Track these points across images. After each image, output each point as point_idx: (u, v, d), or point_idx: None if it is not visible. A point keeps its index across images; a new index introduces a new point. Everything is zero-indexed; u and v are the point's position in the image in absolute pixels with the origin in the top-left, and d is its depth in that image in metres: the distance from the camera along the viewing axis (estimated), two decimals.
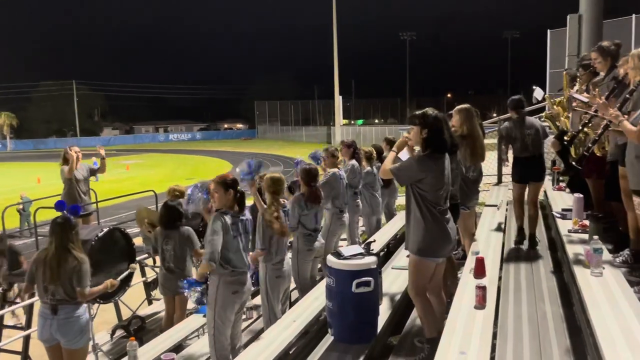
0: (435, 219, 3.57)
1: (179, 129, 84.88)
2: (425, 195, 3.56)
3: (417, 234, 3.61)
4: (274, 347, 3.91)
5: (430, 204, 3.56)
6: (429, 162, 3.55)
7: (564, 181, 7.06)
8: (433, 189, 3.55)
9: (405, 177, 3.64)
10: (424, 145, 3.60)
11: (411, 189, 3.62)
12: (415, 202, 3.60)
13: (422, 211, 3.57)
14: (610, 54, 4.72)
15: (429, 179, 3.53)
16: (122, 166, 32.90)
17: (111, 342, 5.76)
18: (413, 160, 3.62)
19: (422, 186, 3.55)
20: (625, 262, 4.10)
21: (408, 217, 3.71)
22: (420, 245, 3.60)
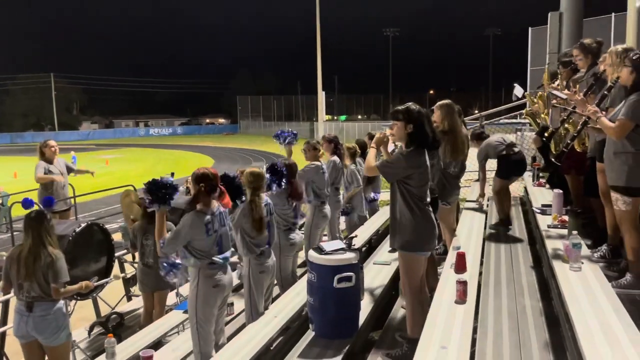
0: (423, 213, 3.60)
1: (160, 123, 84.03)
2: (412, 191, 3.56)
3: (406, 230, 3.60)
4: (254, 343, 3.88)
5: (418, 198, 3.58)
6: (416, 158, 3.55)
7: (544, 177, 7.14)
8: (420, 184, 3.57)
9: (392, 174, 3.61)
10: (408, 141, 3.58)
11: (397, 185, 3.61)
12: (402, 198, 3.59)
13: (410, 207, 3.57)
14: (592, 52, 4.77)
15: (417, 175, 3.54)
16: (101, 161, 32.43)
17: (89, 339, 5.66)
18: (401, 157, 3.61)
19: (410, 182, 3.55)
20: (603, 257, 4.16)
21: (394, 214, 3.68)
22: (410, 240, 3.60)
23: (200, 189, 3.92)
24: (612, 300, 3.06)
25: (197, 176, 3.96)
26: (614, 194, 3.58)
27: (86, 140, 61.49)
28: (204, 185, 3.92)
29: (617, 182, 3.55)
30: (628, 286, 3.55)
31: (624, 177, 3.48)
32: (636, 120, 3.37)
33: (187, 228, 3.84)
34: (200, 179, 3.94)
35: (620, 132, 3.43)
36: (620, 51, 3.75)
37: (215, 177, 4.00)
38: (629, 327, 2.70)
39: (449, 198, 5.08)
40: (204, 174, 3.96)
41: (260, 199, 4.67)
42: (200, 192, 3.92)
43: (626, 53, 3.62)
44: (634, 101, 3.39)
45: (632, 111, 3.37)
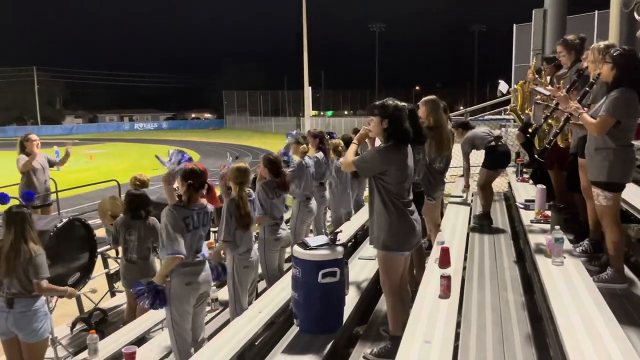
0: (399, 212, 3.49)
1: (145, 118, 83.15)
2: (388, 188, 3.47)
3: (382, 229, 3.53)
4: (239, 338, 3.87)
5: (394, 196, 3.48)
6: (392, 154, 3.46)
7: (527, 173, 7.21)
8: (396, 181, 3.47)
9: (367, 170, 3.56)
10: (385, 136, 3.51)
11: (374, 181, 3.53)
12: (378, 195, 3.51)
13: (386, 204, 3.48)
14: (575, 48, 4.81)
15: (393, 171, 3.44)
16: (85, 156, 31.94)
17: (71, 335, 5.60)
18: (375, 152, 3.53)
19: (385, 178, 3.46)
20: (585, 251, 4.21)
21: (371, 211, 3.62)
22: (386, 240, 3.52)
23: (188, 186, 3.87)
24: (594, 294, 3.09)
25: (185, 172, 3.91)
26: (595, 189, 3.62)
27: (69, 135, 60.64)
28: (192, 182, 3.88)
29: (598, 177, 3.59)
30: (609, 280, 3.60)
31: (605, 173, 3.52)
32: (617, 117, 3.41)
33: (171, 225, 3.78)
34: (188, 176, 3.89)
35: (601, 129, 3.46)
36: (602, 48, 3.78)
37: (204, 173, 3.96)
38: (610, 321, 2.73)
39: (434, 193, 5.10)
40: (192, 170, 3.91)
41: (246, 194, 4.65)
42: (189, 189, 3.87)
43: (607, 50, 3.65)
44: (614, 98, 3.42)
45: (612, 107, 3.40)
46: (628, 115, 3.46)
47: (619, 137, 3.47)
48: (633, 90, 3.44)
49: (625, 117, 3.44)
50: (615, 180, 3.54)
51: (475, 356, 3.33)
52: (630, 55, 3.51)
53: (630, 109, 3.47)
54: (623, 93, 3.41)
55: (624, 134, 3.49)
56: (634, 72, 3.48)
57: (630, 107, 3.46)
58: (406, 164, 3.51)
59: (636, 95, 3.45)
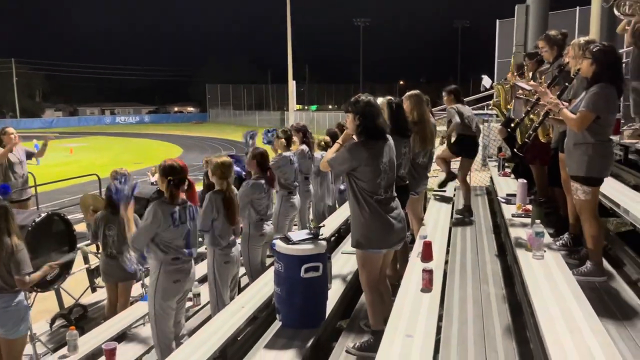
0: (373, 209, 3.44)
1: (127, 111, 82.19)
2: (361, 185, 3.43)
3: (356, 227, 3.52)
4: (221, 334, 3.84)
5: (368, 194, 3.43)
6: (362, 150, 3.41)
7: (509, 167, 7.27)
8: (367, 177, 3.42)
9: (339, 168, 3.52)
10: (357, 133, 3.48)
11: (348, 179, 3.50)
12: (352, 192, 3.48)
13: (359, 202, 3.45)
14: (557, 43, 4.84)
15: (363, 168, 3.40)
16: (65, 149, 31.47)
17: (50, 331, 5.52)
18: (345, 150, 3.48)
19: (357, 175, 3.43)
20: (565, 245, 4.26)
21: (350, 209, 3.61)
22: (361, 238, 3.51)
23: (168, 182, 3.82)
24: (573, 287, 3.12)
25: (164, 169, 3.85)
26: (574, 184, 3.65)
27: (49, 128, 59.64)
28: (172, 178, 3.83)
29: (577, 172, 3.62)
30: (588, 274, 3.64)
31: (584, 167, 3.56)
32: (596, 112, 3.44)
33: (152, 218, 3.75)
34: (168, 172, 3.84)
35: (580, 124, 3.49)
36: (583, 43, 3.82)
37: (183, 169, 3.91)
38: (588, 314, 2.76)
39: (417, 188, 5.11)
40: (171, 166, 3.86)
41: (233, 189, 4.61)
42: (169, 185, 3.82)
43: (587, 45, 3.68)
44: (594, 93, 3.45)
45: (592, 103, 3.43)
46: (607, 110, 3.49)
47: (598, 132, 3.51)
48: (612, 85, 3.47)
49: (605, 113, 3.47)
50: (594, 175, 3.58)
51: (456, 349, 3.35)
52: (609, 51, 3.54)
53: (609, 104, 3.50)
54: (602, 89, 3.44)
55: (602, 129, 3.53)
56: (613, 68, 3.52)
57: (609, 103, 3.50)
58: (378, 160, 3.44)
59: (615, 90, 3.49)
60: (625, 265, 4.14)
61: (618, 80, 3.53)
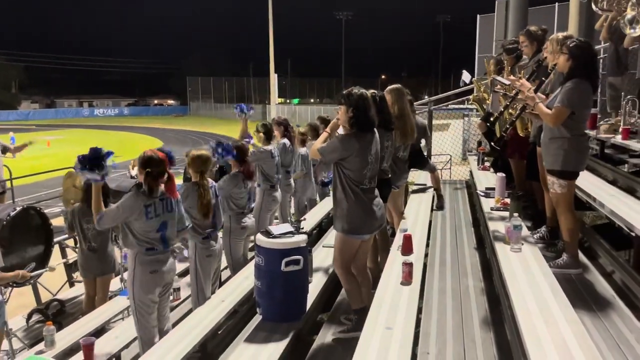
0: (357, 197, 3.62)
1: (105, 103, 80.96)
2: (349, 175, 3.60)
3: (340, 213, 3.67)
4: (202, 327, 3.83)
5: (354, 182, 3.60)
6: (353, 141, 3.57)
7: (488, 161, 7.33)
8: (356, 167, 3.58)
9: (329, 157, 3.64)
10: (349, 125, 3.60)
11: (336, 168, 3.64)
12: (339, 180, 3.64)
13: (345, 190, 3.62)
14: (537, 39, 4.89)
15: (352, 158, 3.56)
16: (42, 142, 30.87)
17: (27, 327, 5.43)
18: (337, 140, 3.63)
19: (346, 165, 3.58)
20: (542, 238, 4.33)
21: (334, 197, 3.76)
22: (344, 223, 3.67)
23: (146, 174, 3.77)
24: (550, 279, 3.17)
25: (143, 160, 3.80)
26: (550, 178, 3.71)
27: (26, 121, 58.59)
28: (151, 170, 3.78)
29: (553, 166, 3.68)
30: (564, 266, 3.71)
31: (560, 161, 3.61)
32: (571, 108, 3.49)
33: (124, 207, 3.70)
34: (146, 163, 3.79)
35: (556, 119, 3.54)
36: (561, 39, 3.87)
37: (163, 161, 3.85)
38: (564, 305, 2.81)
39: (397, 181, 5.14)
40: (150, 157, 3.80)
41: (207, 182, 4.57)
42: (147, 177, 3.77)
43: (565, 41, 3.73)
44: (569, 88, 3.50)
45: (567, 98, 3.48)
46: (582, 106, 3.55)
47: (573, 127, 3.56)
48: (587, 81, 3.52)
49: (579, 108, 3.53)
50: (570, 169, 3.63)
51: (435, 341, 3.39)
52: (585, 47, 3.59)
53: (584, 100, 3.56)
54: (577, 84, 3.49)
55: (577, 124, 3.59)
56: (589, 64, 3.57)
57: (584, 98, 3.55)
58: (367, 152, 3.61)
59: (590, 86, 3.55)
60: (600, 258, 4.22)
61: (593, 76, 3.59)
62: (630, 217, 3.57)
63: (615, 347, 2.83)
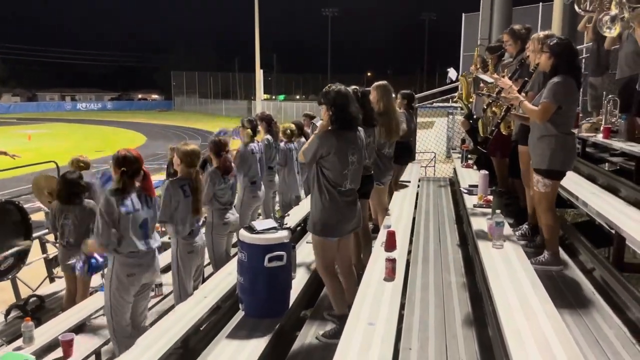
0: (333, 199, 3.51)
1: (88, 97, 79.71)
2: (327, 175, 3.49)
3: (314, 213, 3.60)
4: (183, 323, 3.79)
5: (331, 184, 3.50)
6: (331, 138, 3.48)
7: (472, 159, 7.39)
8: (335, 167, 3.48)
9: (309, 155, 3.53)
10: (331, 122, 3.54)
11: (316, 167, 3.55)
12: (317, 180, 3.54)
13: (320, 190, 3.52)
14: (521, 37, 4.93)
15: (331, 157, 3.46)
16: (23, 136, 30.42)
17: (5, 323, 5.34)
18: (315, 137, 3.54)
19: (325, 164, 3.48)
20: (524, 235, 4.37)
21: (311, 196, 3.67)
22: (317, 224, 3.58)
23: (122, 173, 3.72)
24: (531, 276, 3.20)
25: (117, 159, 3.76)
26: (536, 176, 3.73)
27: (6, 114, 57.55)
28: (126, 169, 3.73)
29: (539, 164, 3.69)
30: (545, 263, 3.75)
31: (547, 160, 3.63)
32: (558, 103, 3.51)
33: (106, 208, 3.64)
34: (121, 162, 3.74)
35: (542, 115, 3.56)
36: (542, 37, 3.90)
37: (138, 160, 3.80)
38: (545, 301, 2.84)
39: (382, 178, 5.15)
40: (125, 156, 3.75)
41: (200, 177, 4.55)
42: (122, 176, 3.73)
43: (546, 39, 3.76)
44: (554, 83, 3.52)
45: (553, 94, 3.50)
46: (568, 101, 3.58)
47: (560, 123, 3.58)
48: (570, 76, 3.55)
49: (566, 103, 3.55)
50: (557, 168, 3.66)
51: (417, 336, 3.41)
52: (566, 44, 3.62)
53: (569, 94, 3.59)
54: (562, 79, 3.52)
55: (565, 120, 3.60)
56: (571, 60, 3.60)
57: (569, 93, 3.58)
58: (347, 151, 3.51)
59: (574, 82, 3.57)
60: (580, 255, 4.27)
61: (576, 72, 3.63)
62: (610, 215, 3.62)
63: (595, 343, 2.87)
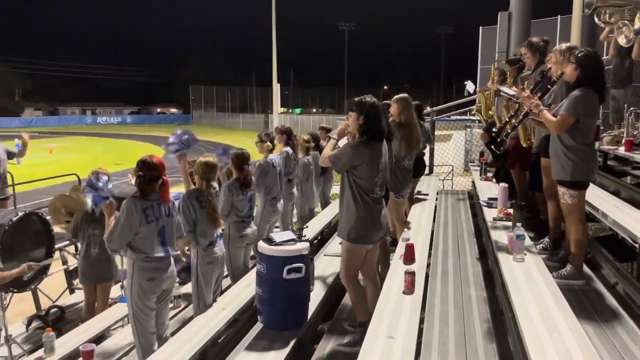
0: (367, 206, 3.62)
1: (108, 111, 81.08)
2: (359, 183, 3.59)
3: (348, 221, 3.66)
4: (202, 335, 3.81)
5: (364, 191, 3.60)
6: (365, 150, 3.58)
7: (490, 172, 7.33)
8: (367, 176, 3.59)
9: (341, 165, 3.64)
10: (360, 132, 3.61)
11: (346, 176, 3.64)
12: (349, 188, 3.63)
13: (355, 198, 3.61)
14: (539, 50, 4.91)
15: (364, 166, 3.56)
16: (45, 149, 30.93)
17: (27, 333, 5.40)
18: (349, 147, 3.64)
19: (357, 173, 3.58)
20: (545, 249, 4.31)
21: (341, 204, 3.75)
22: (351, 231, 3.65)
23: (137, 177, 3.79)
24: (553, 290, 3.15)
25: (138, 164, 3.86)
26: (561, 188, 3.69)
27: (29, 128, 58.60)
28: (144, 174, 3.79)
29: (562, 176, 3.65)
30: (568, 277, 3.69)
31: (569, 172, 3.59)
32: (576, 116, 3.49)
33: (127, 214, 3.69)
34: (139, 167, 3.82)
35: (559, 127, 3.54)
36: (564, 49, 3.88)
37: (157, 166, 3.86)
38: (567, 315, 2.79)
39: (401, 191, 5.13)
40: (144, 161, 3.83)
41: (213, 190, 4.58)
42: (139, 181, 3.78)
43: (570, 51, 3.75)
44: (574, 97, 3.50)
45: (572, 107, 3.48)
46: (587, 114, 3.55)
47: (579, 135, 3.55)
48: (592, 90, 3.53)
49: (584, 117, 3.52)
50: (579, 179, 3.62)
51: (437, 350, 3.36)
52: (593, 56, 3.60)
53: (589, 108, 3.56)
54: (583, 93, 3.50)
55: (583, 133, 3.58)
56: (596, 73, 3.58)
57: (589, 107, 3.55)
58: (377, 161, 3.63)
59: (596, 95, 3.55)
60: (603, 269, 4.20)
61: (600, 85, 3.60)
62: (634, 229, 3.56)
63: (619, 358, 2.80)
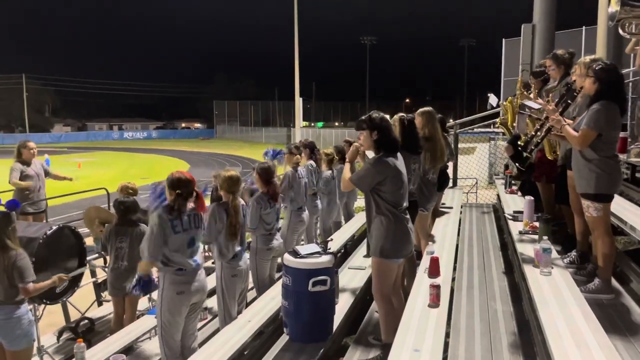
0: (397, 219, 3.60)
1: (134, 127, 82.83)
2: (386, 197, 3.57)
3: (379, 237, 3.61)
4: (227, 348, 3.85)
5: (392, 204, 3.58)
6: (386, 163, 3.56)
7: (515, 184, 7.27)
8: (392, 189, 3.57)
9: (366, 184, 3.62)
10: (376, 148, 3.62)
11: (371, 194, 3.62)
12: (375, 205, 3.60)
13: (383, 213, 3.58)
14: (564, 62, 4.89)
15: (389, 180, 3.55)
16: (73, 164, 31.68)
17: (58, 344, 5.52)
18: (369, 165, 3.61)
19: (382, 188, 3.56)
20: (572, 262, 4.26)
21: (369, 221, 3.71)
22: (384, 247, 3.60)
23: (177, 195, 3.87)
24: (581, 304, 3.12)
25: (172, 181, 3.91)
26: (585, 201, 3.66)
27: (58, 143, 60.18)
28: (181, 191, 3.87)
29: (586, 189, 3.63)
30: (596, 291, 3.64)
31: (593, 185, 3.57)
32: (598, 130, 3.47)
33: (158, 225, 3.78)
34: (176, 185, 3.89)
35: (582, 142, 3.53)
36: (588, 62, 3.86)
37: (191, 181, 3.96)
38: (596, 330, 2.76)
39: (426, 204, 5.13)
40: (179, 179, 3.91)
41: (238, 203, 4.65)
42: (177, 198, 3.87)
43: (592, 64, 3.73)
44: (595, 111, 3.49)
45: (593, 121, 3.47)
46: (609, 128, 3.52)
47: (602, 149, 3.53)
48: (614, 103, 3.51)
49: (606, 130, 3.50)
50: (603, 191, 3.58)
51: None
52: (611, 69, 3.58)
53: (611, 121, 3.53)
54: (604, 106, 3.48)
55: (606, 146, 3.55)
56: (615, 86, 3.56)
57: (611, 120, 3.52)
58: (400, 172, 3.62)
59: (617, 107, 3.52)
60: (632, 282, 4.12)
61: (619, 98, 3.57)
62: None
63: None
